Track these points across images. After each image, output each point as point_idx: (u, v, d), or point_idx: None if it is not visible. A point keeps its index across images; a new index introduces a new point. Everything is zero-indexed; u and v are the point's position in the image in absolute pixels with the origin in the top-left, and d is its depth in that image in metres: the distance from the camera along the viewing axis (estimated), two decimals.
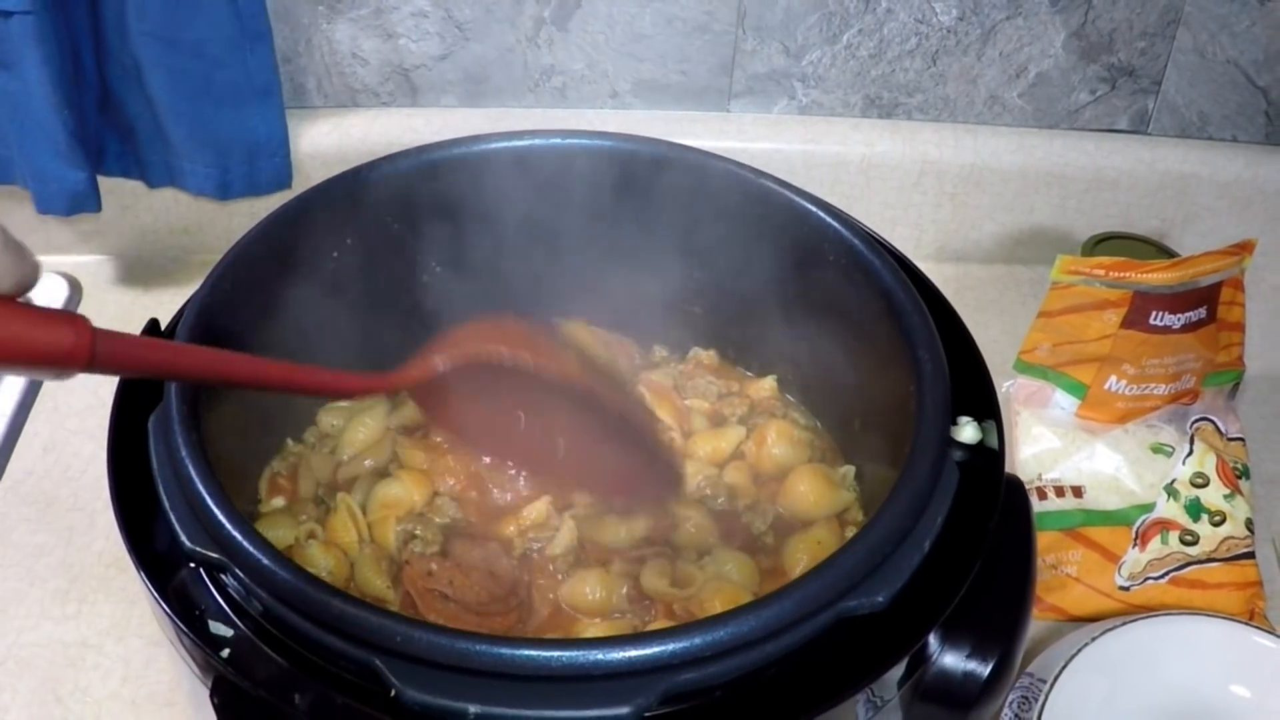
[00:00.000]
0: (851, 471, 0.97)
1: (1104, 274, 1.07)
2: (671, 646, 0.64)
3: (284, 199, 0.94)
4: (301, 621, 0.66)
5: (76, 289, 1.35)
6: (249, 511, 0.93)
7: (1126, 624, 0.98)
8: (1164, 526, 1.06)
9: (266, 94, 1.25)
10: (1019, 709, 0.94)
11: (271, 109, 1.26)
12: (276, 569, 0.66)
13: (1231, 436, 1.11)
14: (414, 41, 1.30)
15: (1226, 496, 1.06)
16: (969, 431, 0.80)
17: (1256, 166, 1.39)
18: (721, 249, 1.00)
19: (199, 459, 0.72)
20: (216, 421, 0.79)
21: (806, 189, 0.96)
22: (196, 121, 1.22)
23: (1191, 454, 1.07)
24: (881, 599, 0.69)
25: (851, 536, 0.74)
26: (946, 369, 0.82)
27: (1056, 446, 1.10)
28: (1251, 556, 1.06)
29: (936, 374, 0.81)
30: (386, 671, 0.64)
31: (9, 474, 1.15)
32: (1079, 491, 1.08)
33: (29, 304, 0.59)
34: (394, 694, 0.64)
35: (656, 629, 0.68)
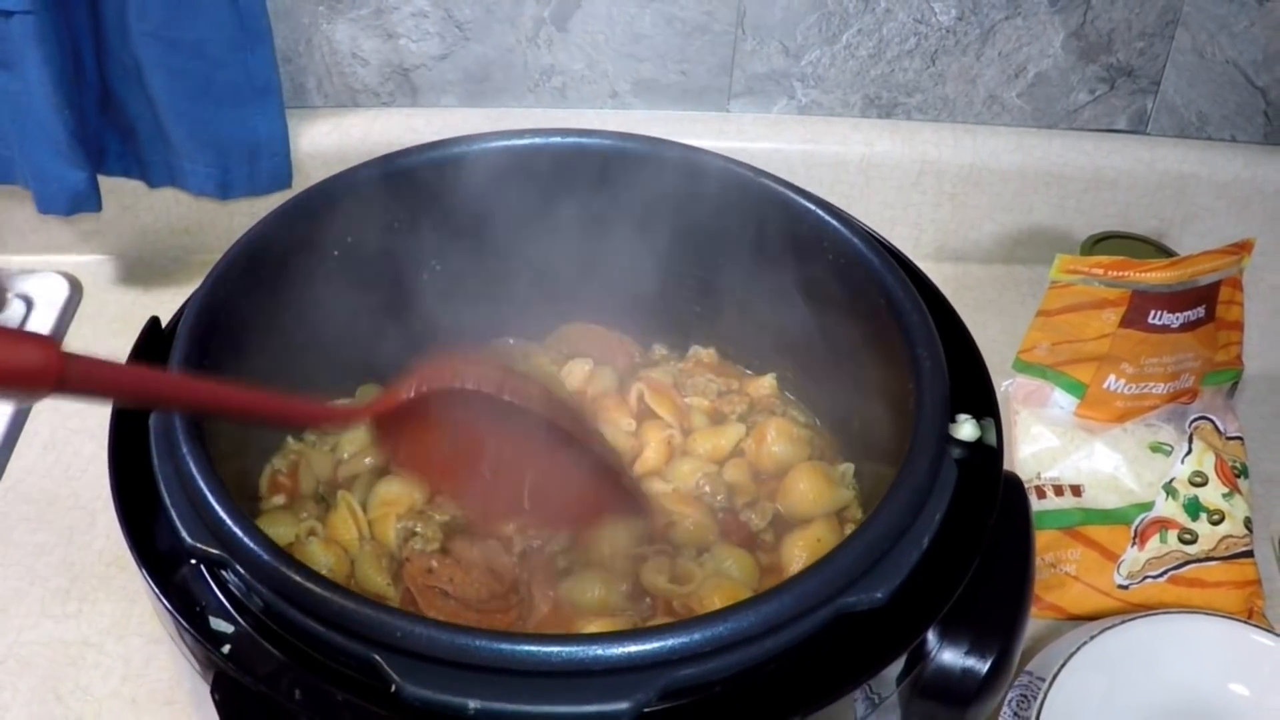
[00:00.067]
0: (850, 469, 0.97)
1: (1103, 273, 1.07)
2: (671, 642, 0.64)
3: (284, 199, 0.94)
4: (302, 617, 0.66)
5: (77, 289, 1.35)
6: (249, 509, 0.93)
7: (1125, 622, 0.98)
8: (1163, 525, 1.06)
9: (267, 94, 1.25)
10: (1018, 707, 0.95)
11: (272, 109, 1.26)
12: (277, 565, 0.67)
13: (1230, 435, 1.11)
14: (414, 41, 1.30)
15: (1225, 495, 1.06)
16: (968, 429, 0.80)
17: (1255, 166, 1.39)
18: (721, 247, 1.00)
19: (200, 455, 0.73)
20: (217, 420, 0.79)
21: (806, 189, 0.97)
22: (197, 121, 1.23)
23: (1190, 453, 1.07)
24: (880, 595, 0.69)
25: (850, 533, 0.75)
26: (945, 366, 0.82)
27: (1055, 445, 1.10)
28: (1250, 555, 1.06)
29: (935, 371, 0.81)
30: (387, 667, 0.64)
31: (10, 473, 1.15)
32: (1078, 490, 1.08)
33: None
34: (394, 689, 0.64)
35: (656, 624, 0.68)
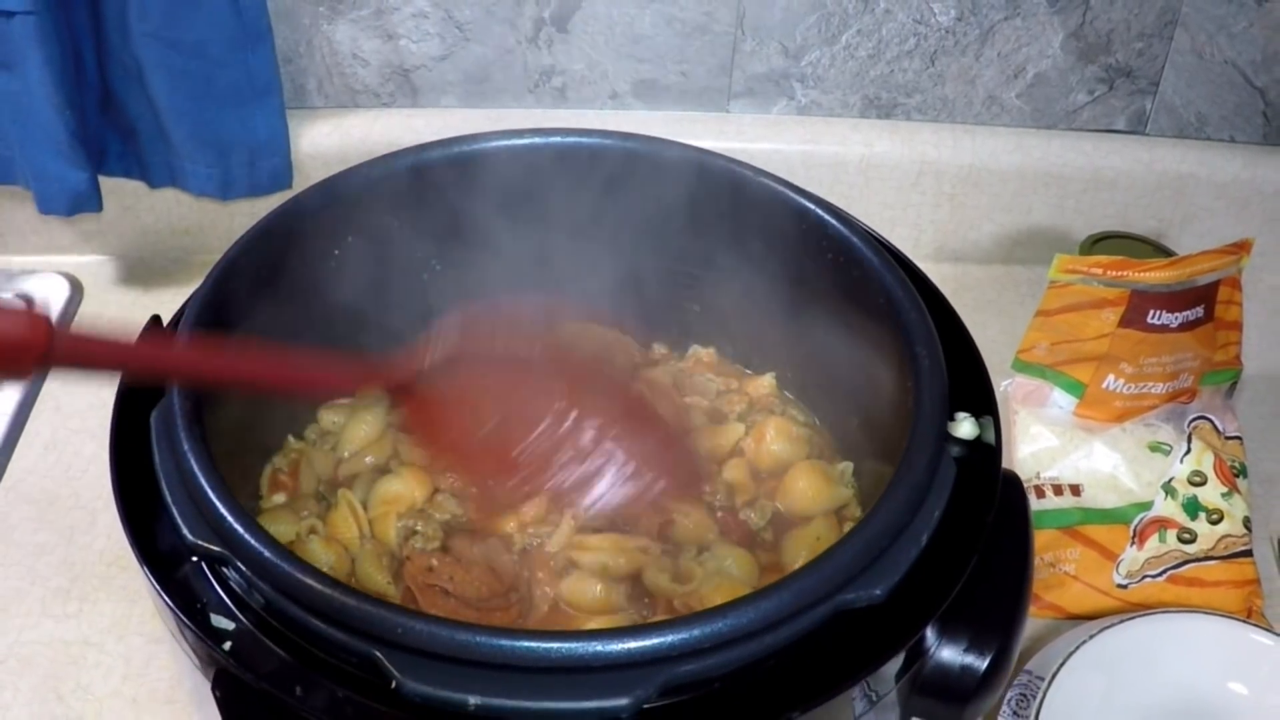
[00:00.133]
0: (850, 468, 0.97)
1: (1102, 273, 1.07)
2: (671, 638, 0.65)
3: (285, 199, 0.95)
4: (303, 614, 0.67)
5: (78, 289, 1.35)
6: (250, 507, 0.92)
7: (1124, 622, 0.98)
8: (1162, 525, 1.06)
9: (267, 94, 1.25)
10: (1017, 706, 0.95)
11: (272, 109, 1.26)
12: (278, 561, 0.67)
13: (1229, 435, 1.11)
14: (414, 42, 1.31)
15: (1224, 495, 1.06)
16: (966, 427, 0.81)
17: (1254, 167, 1.39)
18: (721, 247, 1.00)
19: (201, 453, 0.73)
20: (218, 418, 0.79)
21: (806, 189, 0.97)
22: (198, 122, 1.23)
23: (1189, 452, 1.07)
24: (879, 592, 0.70)
25: (849, 530, 0.75)
26: (944, 365, 0.82)
27: (1054, 445, 1.10)
28: (1249, 554, 1.06)
29: (934, 369, 0.81)
30: (387, 663, 0.64)
31: (10, 473, 1.15)
32: (1077, 490, 1.08)
33: None
34: (395, 685, 0.64)
35: (656, 620, 0.68)
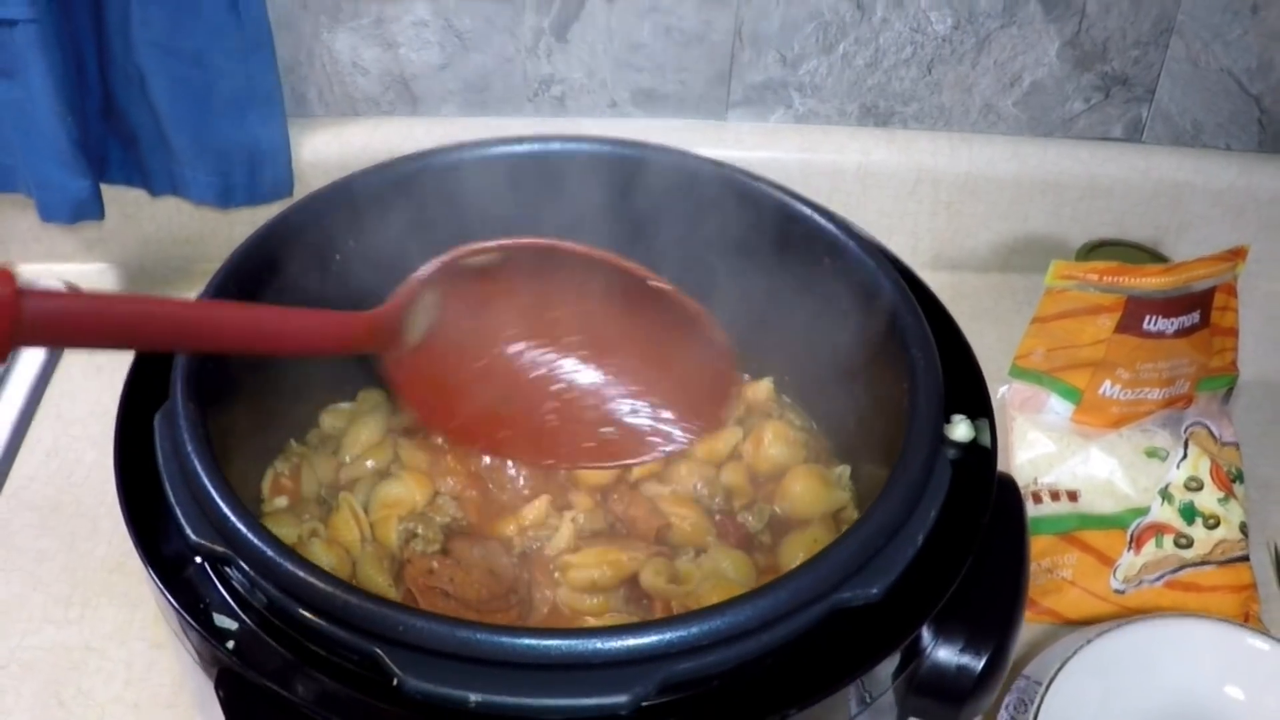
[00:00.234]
0: (847, 471, 0.97)
1: (1097, 279, 1.07)
2: (669, 635, 0.65)
3: (286, 204, 0.95)
4: (305, 613, 0.67)
5: None
6: (252, 511, 0.92)
7: (1122, 626, 0.98)
8: (1159, 530, 1.06)
9: (268, 103, 1.26)
10: (1015, 711, 0.95)
11: (273, 118, 1.27)
12: (281, 560, 0.67)
13: (1225, 441, 1.11)
14: (414, 51, 1.31)
15: (1221, 500, 1.06)
16: (962, 429, 0.81)
17: (1250, 174, 1.40)
18: (717, 253, 1.00)
19: (204, 453, 0.73)
20: (220, 422, 0.80)
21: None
22: (199, 130, 1.23)
23: (1186, 458, 1.08)
24: (875, 591, 0.70)
25: (845, 530, 0.75)
26: (939, 366, 0.82)
27: (1051, 451, 1.10)
28: (1246, 559, 1.06)
29: (929, 371, 0.81)
30: (389, 661, 0.64)
31: (12, 479, 1.15)
32: (1074, 496, 1.09)
33: None
34: (396, 683, 0.64)
35: (655, 619, 0.69)
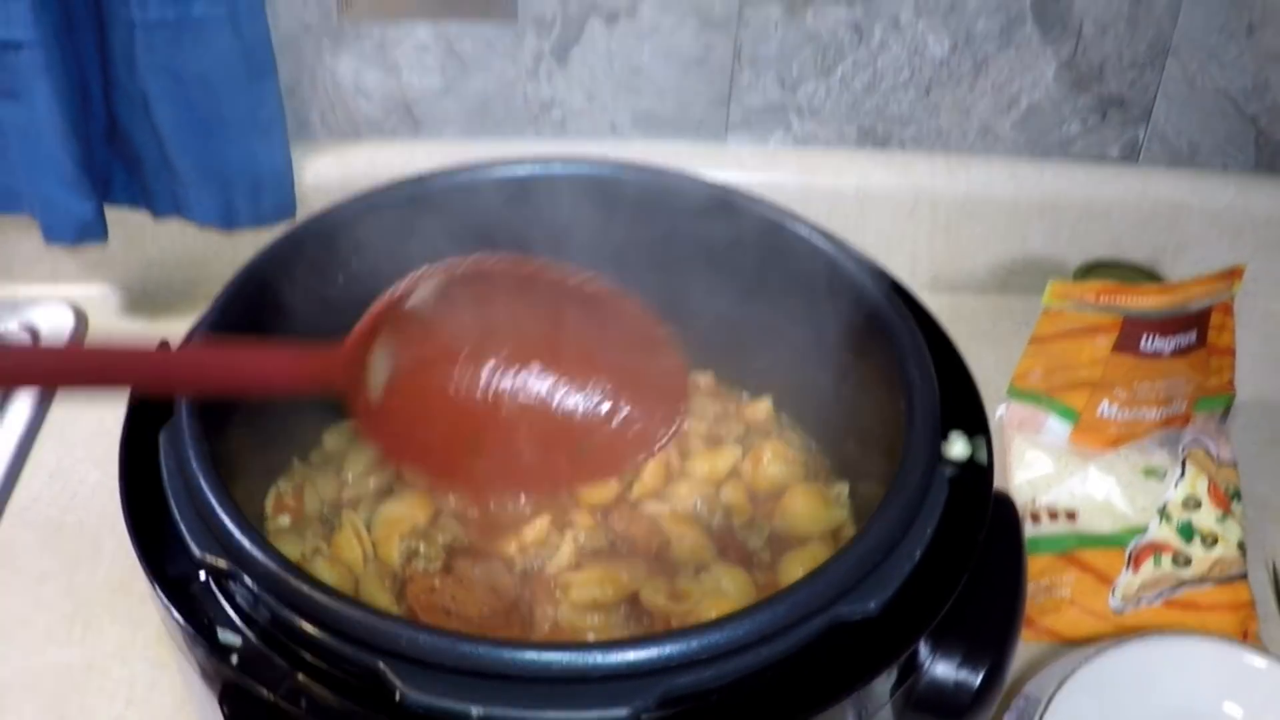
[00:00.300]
0: (845, 490, 0.97)
1: (1095, 299, 1.07)
2: (669, 649, 0.65)
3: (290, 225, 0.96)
4: (308, 627, 0.67)
5: (82, 319, 1.36)
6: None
7: (1120, 645, 0.98)
8: (1157, 549, 1.06)
9: (271, 126, 1.26)
10: None
11: (276, 141, 1.27)
12: (284, 575, 0.68)
13: (1223, 460, 1.11)
14: (416, 75, 1.32)
15: (1219, 519, 1.06)
16: (959, 447, 0.81)
17: (1247, 194, 1.41)
18: (717, 274, 1.01)
19: (209, 468, 0.74)
20: (224, 441, 0.80)
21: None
22: (202, 153, 1.24)
23: (1183, 477, 1.08)
24: (873, 605, 0.70)
25: (843, 545, 0.76)
26: (935, 382, 0.83)
27: (1050, 471, 1.10)
28: (1244, 578, 1.06)
29: (925, 387, 0.82)
30: (391, 674, 0.64)
31: (15, 500, 1.15)
32: (1072, 515, 1.09)
33: None
34: (398, 696, 0.65)
35: (655, 632, 0.69)
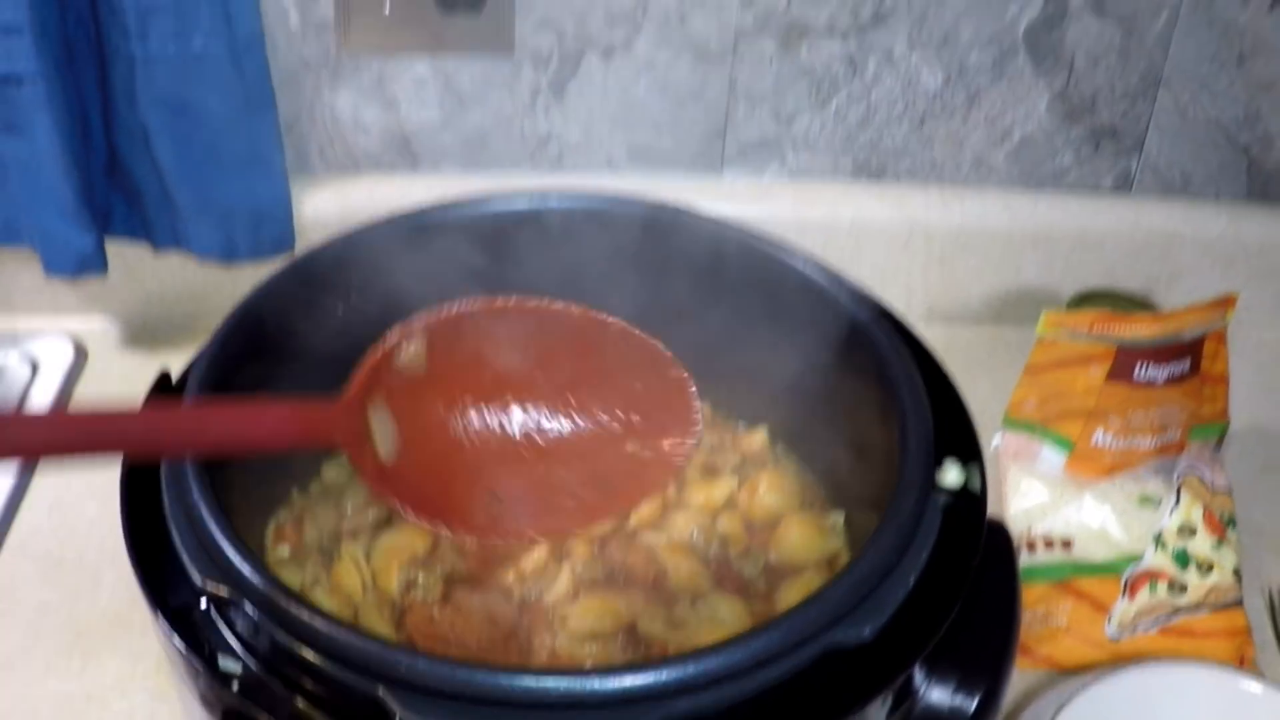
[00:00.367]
0: (841, 519, 0.98)
1: (1088, 328, 1.08)
2: (665, 675, 0.65)
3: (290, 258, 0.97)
4: (308, 653, 0.68)
5: (82, 352, 1.36)
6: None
7: (1117, 673, 0.98)
8: (1152, 577, 1.06)
9: (270, 161, 1.27)
10: None
11: (275, 175, 1.28)
12: (285, 602, 0.68)
13: (1218, 488, 1.11)
14: (414, 109, 1.33)
15: (1214, 546, 1.06)
16: (953, 475, 0.82)
17: (1239, 223, 1.41)
18: (713, 307, 1.01)
19: (210, 497, 0.74)
20: (225, 473, 0.81)
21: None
22: (202, 186, 1.24)
23: (1178, 505, 1.08)
24: (867, 631, 0.70)
25: (837, 572, 0.76)
26: (929, 411, 0.84)
27: (1045, 500, 1.11)
28: (1240, 604, 1.06)
29: (919, 415, 0.83)
30: (390, 700, 0.65)
31: (15, 531, 1.16)
32: (1068, 544, 1.09)
33: None
34: None
35: (652, 658, 0.69)
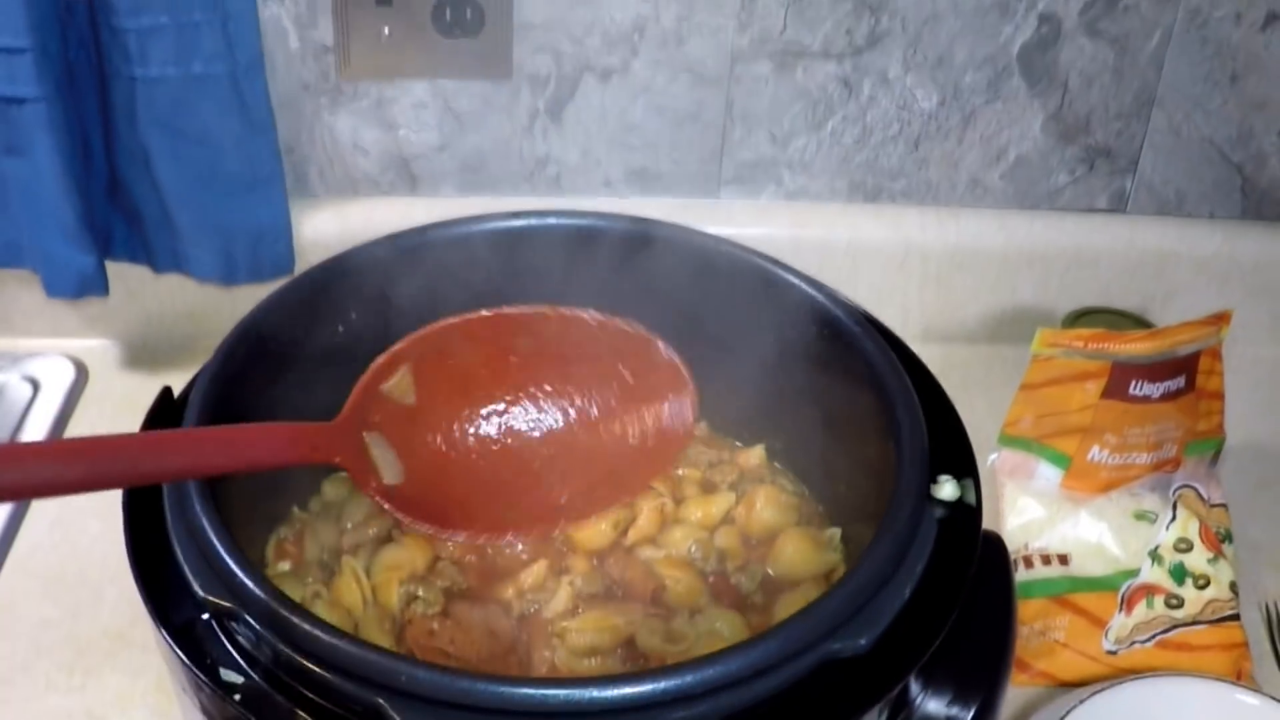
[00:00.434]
0: (837, 534, 0.98)
1: (1083, 345, 1.09)
2: (664, 684, 0.66)
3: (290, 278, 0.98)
4: (309, 665, 0.68)
5: (83, 372, 1.37)
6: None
7: (1114, 686, 0.99)
8: (1149, 591, 1.07)
9: (270, 183, 1.27)
10: None
11: (274, 197, 1.28)
12: (287, 614, 0.69)
13: (1214, 503, 1.12)
14: (413, 132, 1.33)
15: (1210, 560, 1.07)
16: (948, 489, 0.82)
17: (1233, 241, 1.42)
18: (711, 325, 1.02)
19: (211, 511, 0.75)
20: (226, 489, 0.81)
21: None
22: (202, 208, 1.25)
23: (1174, 520, 1.08)
24: (863, 642, 0.71)
25: (834, 583, 0.77)
26: (924, 425, 0.84)
27: (1042, 516, 1.11)
28: (1236, 618, 1.07)
29: (914, 430, 0.83)
30: (391, 711, 0.65)
31: (17, 548, 1.16)
32: (1065, 559, 1.09)
33: None
34: None
35: (650, 668, 0.70)
